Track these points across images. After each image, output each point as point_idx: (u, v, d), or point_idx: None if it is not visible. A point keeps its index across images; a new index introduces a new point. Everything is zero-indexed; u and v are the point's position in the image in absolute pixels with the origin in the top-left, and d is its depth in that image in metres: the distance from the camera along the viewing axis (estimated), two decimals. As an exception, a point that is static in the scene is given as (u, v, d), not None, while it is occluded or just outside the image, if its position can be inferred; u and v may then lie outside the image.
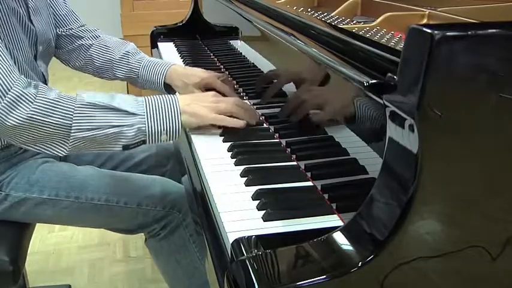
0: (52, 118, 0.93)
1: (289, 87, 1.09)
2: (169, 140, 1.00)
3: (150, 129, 0.96)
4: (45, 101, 0.93)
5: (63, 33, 1.38)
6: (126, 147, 0.98)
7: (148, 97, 1.00)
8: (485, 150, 0.59)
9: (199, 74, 1.29)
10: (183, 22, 1.96)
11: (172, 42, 1.91)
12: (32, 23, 1.17)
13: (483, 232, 0.63)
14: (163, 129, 0.97)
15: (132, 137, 0.96)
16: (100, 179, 1.19)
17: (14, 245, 1.14)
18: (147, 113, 0.96)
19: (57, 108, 0.93)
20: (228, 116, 1.04)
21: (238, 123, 1.04)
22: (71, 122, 0.93)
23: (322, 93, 0.92)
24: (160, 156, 1.38)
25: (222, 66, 1.56)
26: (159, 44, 1.92)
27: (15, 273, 1.09)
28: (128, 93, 0.99)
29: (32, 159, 1.20)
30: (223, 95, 1.17)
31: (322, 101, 0.93)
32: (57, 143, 0.96)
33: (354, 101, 0.79)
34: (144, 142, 0.98)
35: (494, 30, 0.56)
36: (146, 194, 1.17)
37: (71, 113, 0.94)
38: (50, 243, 2.05)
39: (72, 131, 0.94)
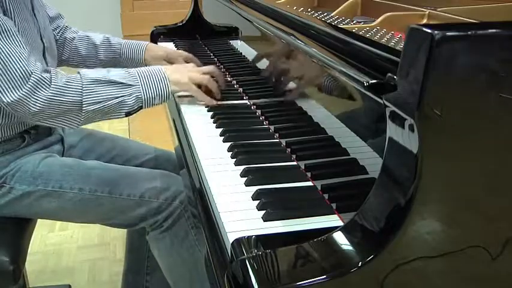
0: (66, 97, 1.06)
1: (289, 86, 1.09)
2: (162, 103, 1.16)
3: (145, 96, 1.12)
4: (59, 83, 1.05)
5: (53, 32, 1.43)
6: (128, 114, 1.12)
7: (139, 69, 1.15)
8: (485, 150, 0.59)
9: (165, 49, 1.53)
10: (183, 22, 1.96)
11: (172, 42, 1.91)
12: (35, 15, 1.21)
13: (483, 232, 0.63)
14: (156, 95, 1.13)
15: (132, 105, 1.11)
16: (103, 171, 1.21)
17: (14, 244, 1.14)
18: (140, 82, 1.12)
19: (69, 88, 1.06)
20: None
21: (206, 99, 1.22)
22: (81, 98, 1.06)
23: (323, 93, 0.92)
24: (160, 161, 1.41)
25: (222, 66, 1.56)
26: (159, 43, 1.92)
27: (15, 272, 1.09)
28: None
29: (35, 153, 1.21)
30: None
31: (323, 100, 0.93)
32: (72, 117, 1.08)
33: (354, 101, 0.79)
34: (141, 107, 1.13)
35: (494, 30, 0.56)
36: (149, 186, 1.19)
37: (81, 90, 1.07)
38: (50, 243, 2.05)
39: (84, 106, 1.07)
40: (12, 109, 1.05)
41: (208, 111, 1.21)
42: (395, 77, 0.60)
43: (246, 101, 1.26)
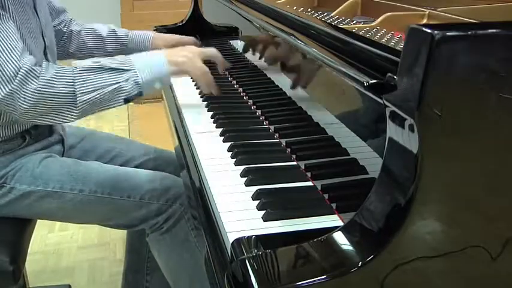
0: (57, 89, 1.01)
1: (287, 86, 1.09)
2: (163, 85, 1.12)
3: (143, 80, 1.07)
4: (47, 75, 1.01)
5: (56, 25, 1.45)
6: (126, 101, 1.07)
7: (137, 54, 1.12)
8: (485, 150, 0.59)
9: (172, 36, 1.55)
10: (183, 22, 1.96)
11: (172, 42, 1.90)
12: (37, 13, 1.20)
13: (483, 232, 0.63)
14: (155, 77, 1.08)
15: (130, 90, 1.06)
16: (104, 172, 1.21)
17: (14, 244, 1.14)
18: (137, 66, 1.07)
19: (60, 78, 1.02)
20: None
21: (209, 83, 1.18)
22: (73, 89, 1.02)
23: (323, 93, 0.92)
24: (160, 161, 1.41)
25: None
26: (159, 43, 1.92)
27: (15, 272, 1.09)
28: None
29: (36, 153, 1.21)
30: None
31: (322, 100, 0.93)
32: (66, 110, 1.04)
33: (354, 101, 0.79)
34: (141, 93, 1.08)
35: (494, 30, 0.56)
36: (149, 188, 1.19)
37: (72, 80, 1.02)
38: (50, 243, 2.05)
39: (78, 96, 1.02)
40: (3, 107, 1.01)
41: (208, 111, 1.21)
42: (395, 77, 0.60)
43: (246, 101, 1.26)
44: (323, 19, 1.05)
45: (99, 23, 1.53)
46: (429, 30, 0.53)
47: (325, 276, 0.58)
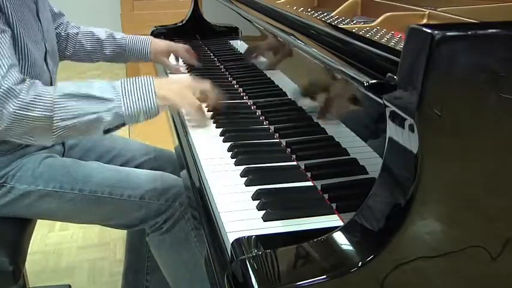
0: (34, 112, 0.97)
1: (288, 87, 1.09)
2: (149, 119, 1.04)
3: (127, 112, 1.01)
4: (26, 98, 0.97)
5: (55, 28, 1.44)
6: (106, 131, 1.04)
7: (125, 80, 1.04)
8: (485, 150, 0.59)
9: (167, 42, 1.57)
10: (183, 22, 1.96)
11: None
12: (39, 19, 1.20)
13: (483, 232, 0.63)
14: (140, 110, 1.02)
15: (111, 121, 1.01)
16: (104, 172, 1.21)
17: (14, 244, 1.14)
18: (122, 97, 1.01)
19: (38, 102, 0.98)
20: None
21: (201, 119, 1.13)
22: (51, 114, 0.98)
23: (323, 93, 0.92)
24: (160, 161, 1.41)
25: (222, 66, 1.56)
26: (159, 43, 1.92)
27: (15, 272, 1.09)
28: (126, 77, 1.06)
29: (36, 153, 1.21)
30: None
31: (323, 100, 0.93)
32: (42, 134, 1.00)
33: (354, 101, 0.79)
34: (124, 124, 1.04)
35: (494, 30, 0.56)
36: (149, 188, 1.19)
37: (51, 105, 0.98)
38: (50, 243, 2.05)
39: (54, 122, 0.98)
40: None
41: (208, 111, 1.21)
42: (395, 77, 0.60)
43: (246, 101, 1.26)
44: (323, 19, 1.05)
45: (97, 27, 1.53)
46: (429, 30, 0.53)
47: (325, 276, 0.58)
